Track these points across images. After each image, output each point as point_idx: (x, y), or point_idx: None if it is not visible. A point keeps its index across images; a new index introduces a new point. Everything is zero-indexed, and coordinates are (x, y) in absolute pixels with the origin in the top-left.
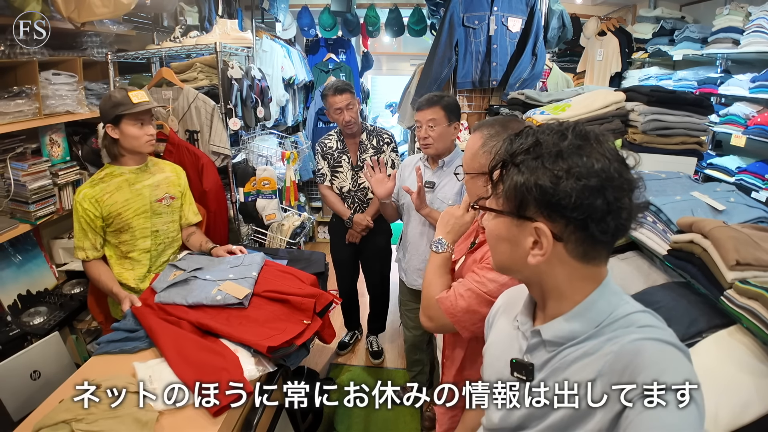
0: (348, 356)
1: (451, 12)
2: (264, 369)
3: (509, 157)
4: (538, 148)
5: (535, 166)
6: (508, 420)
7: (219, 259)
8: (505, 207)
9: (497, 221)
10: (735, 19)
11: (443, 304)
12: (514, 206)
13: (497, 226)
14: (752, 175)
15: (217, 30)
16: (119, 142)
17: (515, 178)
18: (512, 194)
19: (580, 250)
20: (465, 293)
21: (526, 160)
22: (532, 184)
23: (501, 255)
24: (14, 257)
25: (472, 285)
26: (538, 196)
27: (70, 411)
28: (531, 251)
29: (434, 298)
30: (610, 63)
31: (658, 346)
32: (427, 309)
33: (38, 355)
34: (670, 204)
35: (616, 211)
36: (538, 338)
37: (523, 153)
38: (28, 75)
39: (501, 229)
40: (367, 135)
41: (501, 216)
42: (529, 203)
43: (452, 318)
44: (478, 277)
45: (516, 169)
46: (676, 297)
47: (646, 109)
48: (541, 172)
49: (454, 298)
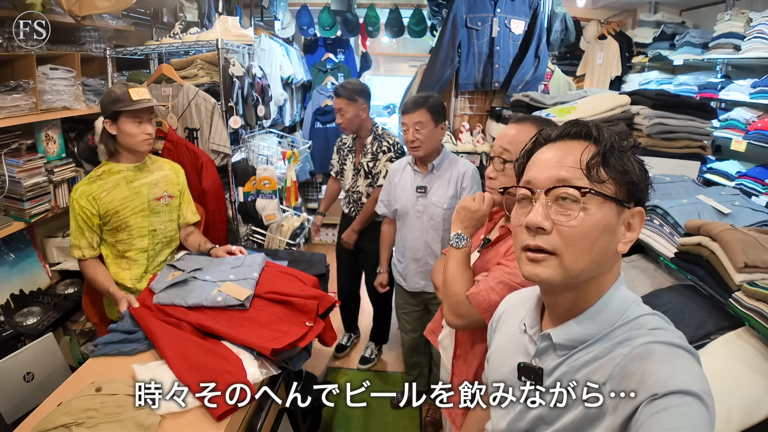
0: (345, 360)
1: (454, 13)
2: (267, 372)
3: (611, 144)
4: (625, 138)
5: (633, 154)
6: (516, 425)
7: (219, 259)
8: (616, 193)
9: (605, 210)
10: (736, 24)
11: (475, 299)
12: (625, 192)
13: (606, 216)
14: (752, 179)
15: (218, 27)
16: (116, 138)
17: (631, 164)
18: (628, 180)
19: None
20: (497, 287)
21: (627, 146)
22: (643, 169)
23: (599, 249)
24: (7, 256)
25: (503, 277)
26: (644, 181)
27: (70, 414)
28: (622, 239)
29: (463, 295)
30: (610, 67)
31: (668, 349)
32: (456, 307)
33: (31, 356)
34: (677, 207)
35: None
36: (548, 342)
37: (618, 142)
38: (25, 69)
39: (610, 218)
40: (372, 139)
41: (607, 203)
42: (637, 188)
43: (486, 313)
44: (509, 269)
45: (628, 156)
46: (683, 299)
47: (651, 112)
48: (639, 160)
49: (486, 293)
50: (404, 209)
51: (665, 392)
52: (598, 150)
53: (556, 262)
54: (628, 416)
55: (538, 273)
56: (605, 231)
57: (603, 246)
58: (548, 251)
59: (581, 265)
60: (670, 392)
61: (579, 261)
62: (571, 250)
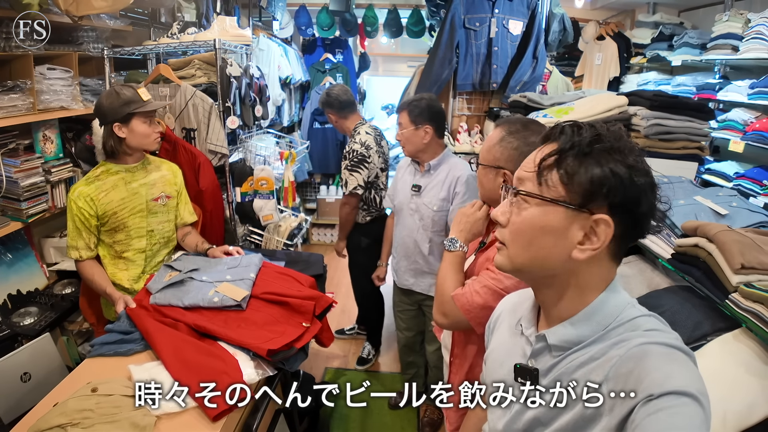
0: (343, 361)
1: (452, 13)
2: (264, 372)
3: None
4: (603, 140)
5: (608, 158)
6: (512, 426)
7: (215, 260)
8: (565, 196)
9: (544, 211)
10: (734, 25)
11: (459, 300)
12: (581, 196)
13: (545, 216)
14: (750, 180)
15: (216, 27)
16: (125, 140)
17: (589, 167)
18: (583, 183)
19: (616, 248)
20: (481, 290)
21: (596, 150)
22: (609, 174)
23: (539, 249)
24: (4, 256)
25: (488, 282)
26: (614, 188)
27: (65, 415)
28: (579, 245)
29: (449, 295)
30: (608, 67)
31: (664, 350)
32: (442, 306)
33: (29, 356)
34: (674, 208)
35: (653, 212)
36: (543, 343)
37: (586, 144)
38: (22, 69)
39: (550, 220)
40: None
41: (553, 206)
42: (598, 194)
43: (468, 314)
44: (493, 274)
45: (583, 159)
46: (680, 300)
47: (648, 113)
48: (617, 163)
49: (470, 295)
50: (400, 205)
51: (661, 393)
52: (551, 152)
53: (506, 252)
54: (624, 417)
55: (496, 259)
56: (545, 232)
57: (545, 247)
58: (502, 242)
59: (521, 260)
60: (666, 393)
61: (519, 256)
62: (512, 245)
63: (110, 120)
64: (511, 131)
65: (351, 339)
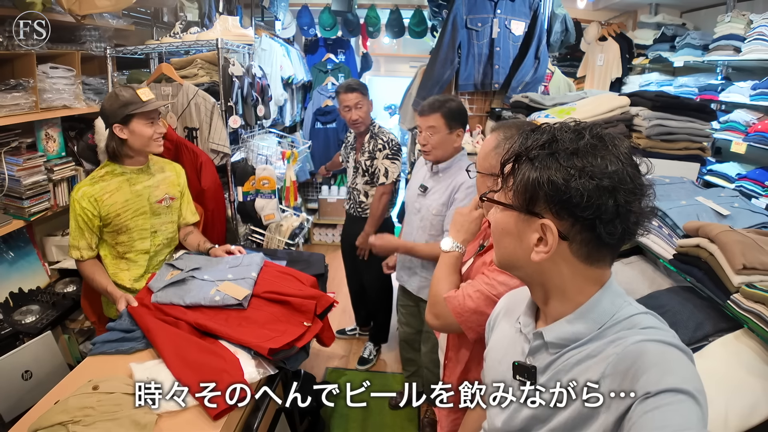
0: (344, 360)
1: (454, 14)
2: (265, 371)
3: (524, 150)
4: (554, 144)
5: (549, 162)
6: (510, 424)
7: (217, 259)
8: (514, 201)
9: (504, 215)
10: (736, 26)
11: (451, 303)
12: (523, 201)
13: (503, 219)
14: (752, 181)
15: (218, 26)
16: (127, 142)
17: (527, 172)
18: (522, 188)
19: (585, 251)
20: (474, 294)
21: (540, 155)
22: (545, 179)
23: (504, 250)
24: (6, 254)
25: (481, 286)
26: (549, 192)
27: (66, 412)
28: (535, 248)
29: (442, 296)
30: (610, 68)
31: (661, 348)
32: (434, 306)
33: (30, 354)
34: (676, 209)
35: (625, 215)
36: (540, 340)
37: (537, 148)
38: (25, 68)
39: (507, 223)
40: (369, 137)
41: (508, 210)
42: (538, 199)
43: (459, 318)
44: (488, 279)
45: (529, 164)
46: (681, 301)
47: (650, 114)
48: (555, 168)
49: (462, 298)
50: (409, 202)
51: (658, 390)
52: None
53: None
54: (622, 414)
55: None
56: (505, 234)
57: (508, 247)
58: None
59: (498, 258)
60: (663, 390)
61: (496, 255)
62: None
63: (111, 122)
64: (507, 137)
65: (352, 339)
